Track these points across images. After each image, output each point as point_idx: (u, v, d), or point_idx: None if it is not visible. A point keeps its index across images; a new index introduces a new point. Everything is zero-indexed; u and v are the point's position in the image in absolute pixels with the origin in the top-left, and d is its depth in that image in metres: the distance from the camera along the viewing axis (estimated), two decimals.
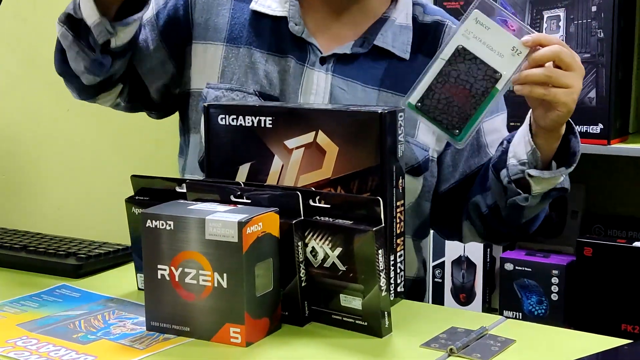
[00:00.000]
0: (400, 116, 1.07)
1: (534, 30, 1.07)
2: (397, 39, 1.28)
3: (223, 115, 1.13)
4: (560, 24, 1.85)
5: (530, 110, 1.15)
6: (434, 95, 1.08)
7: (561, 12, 1.85)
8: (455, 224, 1.35)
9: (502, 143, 1.25)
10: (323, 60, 1.26)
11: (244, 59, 1.28)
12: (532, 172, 1.16)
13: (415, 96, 1.08)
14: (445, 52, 1.07)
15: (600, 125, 1.84)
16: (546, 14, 1.87)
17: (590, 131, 1.85)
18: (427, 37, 1.30)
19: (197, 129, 1.31)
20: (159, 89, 1.34)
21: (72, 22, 1.19)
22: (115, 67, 1.25)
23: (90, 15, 1.16)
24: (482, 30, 1.07)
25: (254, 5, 1.28)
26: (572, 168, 1.17)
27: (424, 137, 1.28)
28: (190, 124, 1.33)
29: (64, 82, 1.32)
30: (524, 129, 1.18)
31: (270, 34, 1.27)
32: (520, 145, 1.17)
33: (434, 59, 1.08)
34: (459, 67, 1.07)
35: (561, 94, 1.07)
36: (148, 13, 1.29)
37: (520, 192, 1.18)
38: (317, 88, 1.26)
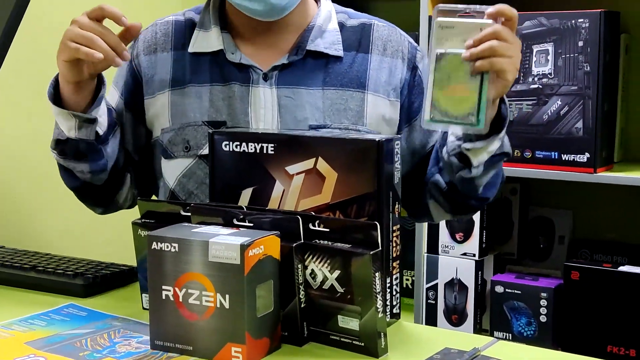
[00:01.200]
0: (397, 144, 1.07)
1: (489, 7, 1.11)
2: (327, 41, 1.30)
3: (227, 142, 1.13)
4: (549, 57, 1.86)
5: None
6: (439, 104, 1.10)
7: (550, 47, 1.86)
8: (421, 205, 1.36)
9: None
10: (265, 77, 1.28)
11: (188, 97, 1.29)
12: (466, 145, 1.18)
13: (426, 113, 1.10)
14: (430, 65, 1.10)
15: (587, 155, 1.84)
16: (535, 48, 1.88)
17: (577, 160, 1.85)
18: (357, 36, 1.32)
19: (160, 176, 1.33)
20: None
21: (63, 143, 1.24)
22: (109, 151, 1.27)
23: (70, 127, 1.21)
24: (450, 31, 1.10)
25: (191, 49, 1.31)
26: (503, 133, 1.18)
27: (376, 126, 1.30)
28: (156, 174, 1.36)
29: (77, 194, 1.36)
30: None
31: (210, 68, 1.29)
32: None
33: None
34: (446, 69, 1.10)
35: (506, 63, 1.10)
36: (114, 96, 1.35)
37: (463, 165, 1.20)
38: (266, 102, 1.27)
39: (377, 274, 0.94)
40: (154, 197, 1.40)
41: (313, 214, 1.03)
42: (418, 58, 1.35)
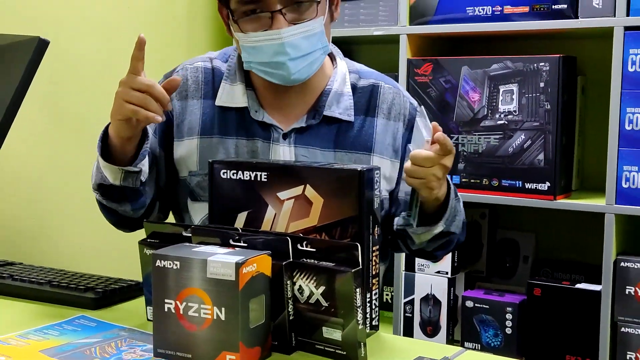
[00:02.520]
0: (377, 173, 1.07)
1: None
2: (340, 106, 1.30)
3: (225, 170, 1.13)
4: (514, 96, 1.88)
5: None
6: None
7: (514, 87, 1.88)
8: (396, 241, 1.38)
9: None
10: (285, 136, 1.28)
11: (216, 147, 1.29)
12: (409, 229, 1.26)
13: None
14: None
15: (548, 184, 1.85)
16: (502, 88, 1.89)
17: (539, 188, 1.86)
18: (366, 98, 1.33)
19: (186, 212, 1.33)
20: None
21: (106, 187, 1.24)
22: (147, 190, 1.28)
23: (116, 177, 1.21)
24: None
25: (218, 102, 1.31)
26: (439, 225, 1.23)
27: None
28: (181, 206, 1.35)
29: (115, 226, 1.36)
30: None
31: (236, 123, 1.30)
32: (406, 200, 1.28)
33: None
34: None
35: (432, 182, 1.14)
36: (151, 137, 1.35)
37: (410, 237, 1.28)
38: (284, 158, 1.28)
39: (358, 290, 0.94)
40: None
41: (301, 235, 1.03)
42: (417, 117, 1.33)
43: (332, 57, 1.36)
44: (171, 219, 1.42)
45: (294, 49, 1.20)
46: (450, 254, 2.02)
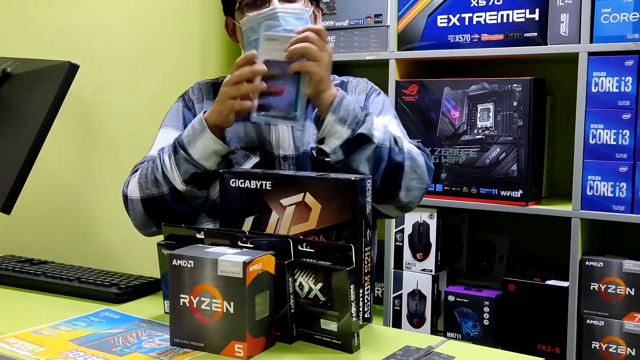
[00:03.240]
0: (369, 182, 1.07)
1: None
2: None
3: (234, 179, 1.13)
4: (490, 114, 1.88)
5: None
6: (265, 101, 1.15)
7: (491, 106, 1.88)
8: None
9: None
10: None
11: (228, 131, 1.29)
12: (319, 145, 1.21)
13: (254, 109, 1.16)
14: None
15: (520, 191, 1.86)
16: (480, 107, 1.89)
17: (513, 195, 1.86)
18: (340, 88, 1.34)
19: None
20: None
21: (198, 176, 1.23)
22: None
23: (216, 161, 1.23)
24: (273, 43, 1.15)
25: None
26: (346, 125, 1.18)
27: None
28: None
29: (154, 228, 1.30)
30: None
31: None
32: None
33: None
34: (272, 74, 1.14)
35: (314, 66, 1.15)
36: (175, 134, 1.33)
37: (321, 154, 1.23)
38: (283, 133, 1.33)
39: (352, 286, 0.94)
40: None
41: (301, 237, 1.03)
42: (374, 92, 1.41)
43: None
44: None
45: (285, 22, 1.26)
46: (434, 254, 2.02)
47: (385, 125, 1.25)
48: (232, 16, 1.36)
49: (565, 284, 1.82)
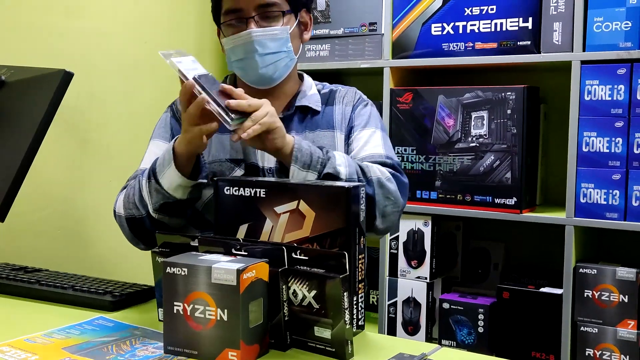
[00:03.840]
0: (362, 190, 1.08)
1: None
2: (310, 100, 1.39)
3: (228, 187, 1.14)
4: (484, 122, 1.88)
5: None
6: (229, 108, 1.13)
7: (485, 114, 1.89)
8: None
9: None
10: None
11: (214, 142, 1.33)
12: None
13: (228, 118, 1.12)
14: (198, 87, 1.13)
15: (515, 199, 1.86)
16: (474, 114, 1.90)
17: (507, 203, 1.87)
18: (327, 97, 1.42)
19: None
20: None
21: (168, 206, 1.23)
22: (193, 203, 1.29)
23: (185, 192, 1.22)
24: (185, 61, 1.17)
25: None
26: (295, 167, 1.20)
27: (339, 148, 1.37)
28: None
29: (137, 242, 1.32)
30: None
31: None
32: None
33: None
34: (211, 89, 1.13)
35: (271, 136, 1.16)
36: (164, 145, 1.34)
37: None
38: None
39: (345, 294, 0.94)
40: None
41: (295, 245, 1.04)
42: (360, 104, 1.42)
43: (300, 77, 1.45)
44: None
45: (261, 46, 1.30)
46: (429, 261, 2.02)
47: (348, 157, 1.25)
48: (219, 25, 1.38)
49: (559, 291, 1.82)
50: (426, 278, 2.04)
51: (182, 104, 1.16)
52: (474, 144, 1.90)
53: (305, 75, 1.45)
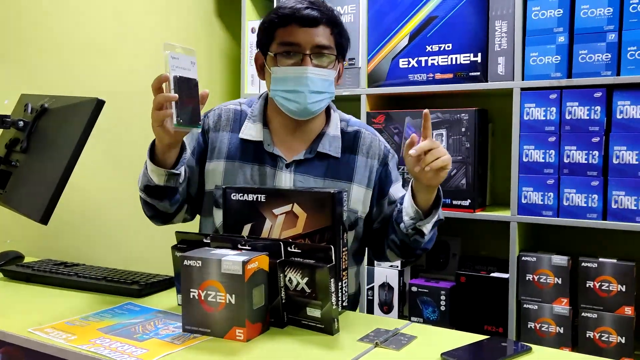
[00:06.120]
0: (345, 194, 1.07)
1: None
2: (331, 145, 1.28)
3: (235, 193, 1.13)
4: (443, 138, 1.89)
5: (412, 182, 1.19)
6: (182, 112, 1.04)
7: (444, 131, 1.89)
8: (382, 252, 1.33)
9: (397, 204, 1.26)
10: (287, 165, 1.26)
11: (237, 169, 1.27)
12: (420, 223, 1.18)
13: (174, 119, 1.03)
14: (171, 84, 1.03)
15: (469, 201, 1.87)
16: (435, 132, 1.90)
17: (463, 204, 1.87)
18: (351, 141, 1.31)
19: (208, 214, 1.29)
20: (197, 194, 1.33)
21: (151, 188, 1.19)
22: (180, 191, 1.24)
23: (160, 179, 1.16)
24: (179, 60, 1.04)
25: (241, 135, 1.28)
26: (440, 207, 1.19)
27: (354, 206, 1.28)
28: (207, 212, 1.31)
29: (151, 219, 1.29)
30: (408, 196, 1.20)
31: (253, 152, 1.27)
32: (409, 208, 1.19)
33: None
34: (184, 88, 1.04)
35: (444, 172, 1.12)
36: (188, 153, 1.28)
37: (416, 233, 1.20)
38: (285, 182, 1.25)
39: (332, 280, 0.94)
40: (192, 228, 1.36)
41: (290, 240, 1.03)
42: (389, 158, 1.33)
43: (329, 108, 1.34)
44: (197, 220, 1.39)
45: (313, 83, 1.20)
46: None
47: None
48: (264, 54, 1.25)
49: (506, 275, 1.83)
50: (398, 266, 2.04)
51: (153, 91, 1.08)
52: None
53: (333, 112, 1.33)
